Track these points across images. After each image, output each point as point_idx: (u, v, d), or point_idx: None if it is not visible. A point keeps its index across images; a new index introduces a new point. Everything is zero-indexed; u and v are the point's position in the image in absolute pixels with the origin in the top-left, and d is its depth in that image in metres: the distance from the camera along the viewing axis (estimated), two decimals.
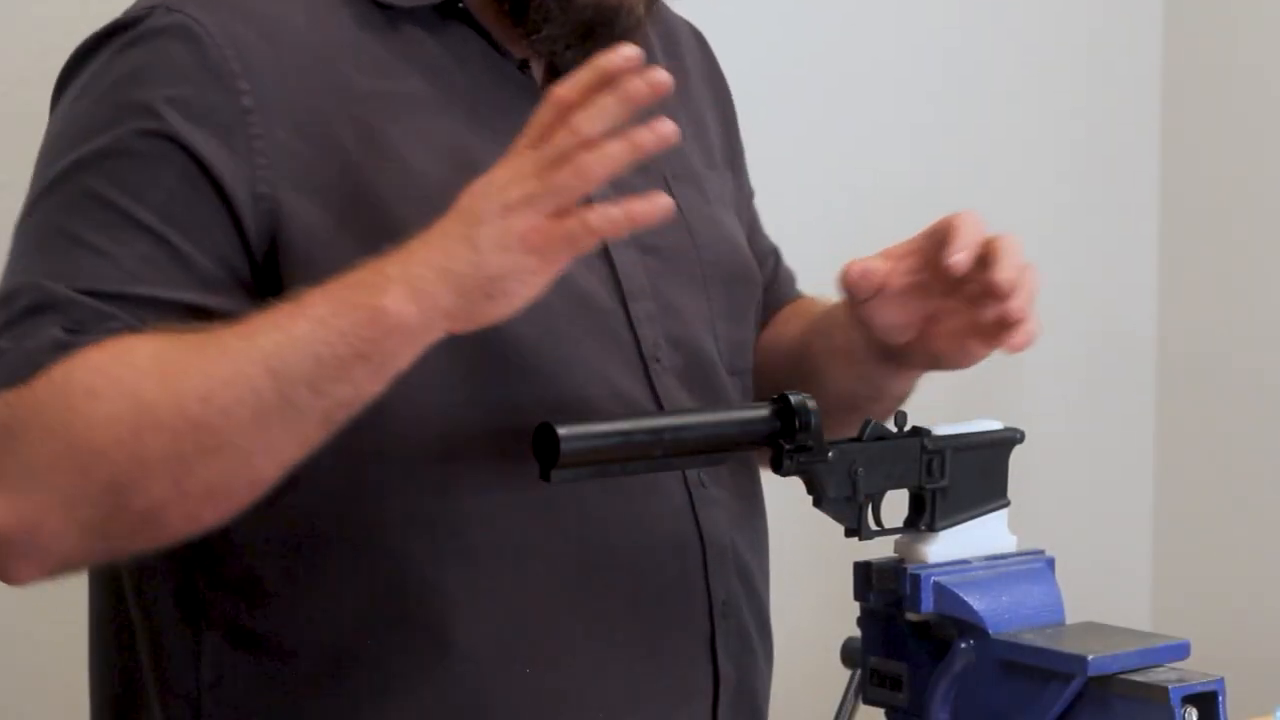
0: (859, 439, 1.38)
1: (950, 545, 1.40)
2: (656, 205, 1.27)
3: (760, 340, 1.68)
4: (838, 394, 1.57)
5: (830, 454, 1.35)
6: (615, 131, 1.27)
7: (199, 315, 1.33)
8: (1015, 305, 1.45)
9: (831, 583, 1.63)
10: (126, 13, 1.41)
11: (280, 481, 1.31)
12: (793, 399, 1.34)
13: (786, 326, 1.70)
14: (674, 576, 1.47)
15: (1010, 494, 1.44)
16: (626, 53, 1.28)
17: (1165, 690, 1.29)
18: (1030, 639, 1.35)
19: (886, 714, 1.42)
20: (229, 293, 1.35)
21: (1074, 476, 2.92)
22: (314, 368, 1.27)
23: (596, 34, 1.46)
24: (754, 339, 1.62)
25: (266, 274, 1.37)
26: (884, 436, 1.39)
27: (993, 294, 1.45)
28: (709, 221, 1.57)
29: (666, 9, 1.66)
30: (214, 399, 1.26)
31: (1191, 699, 1.29)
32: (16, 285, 1.33)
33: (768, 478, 1.48)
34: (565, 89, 1.28)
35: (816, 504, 1.37)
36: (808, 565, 1.66)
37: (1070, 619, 1.40)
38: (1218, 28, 2.95)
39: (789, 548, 1.80)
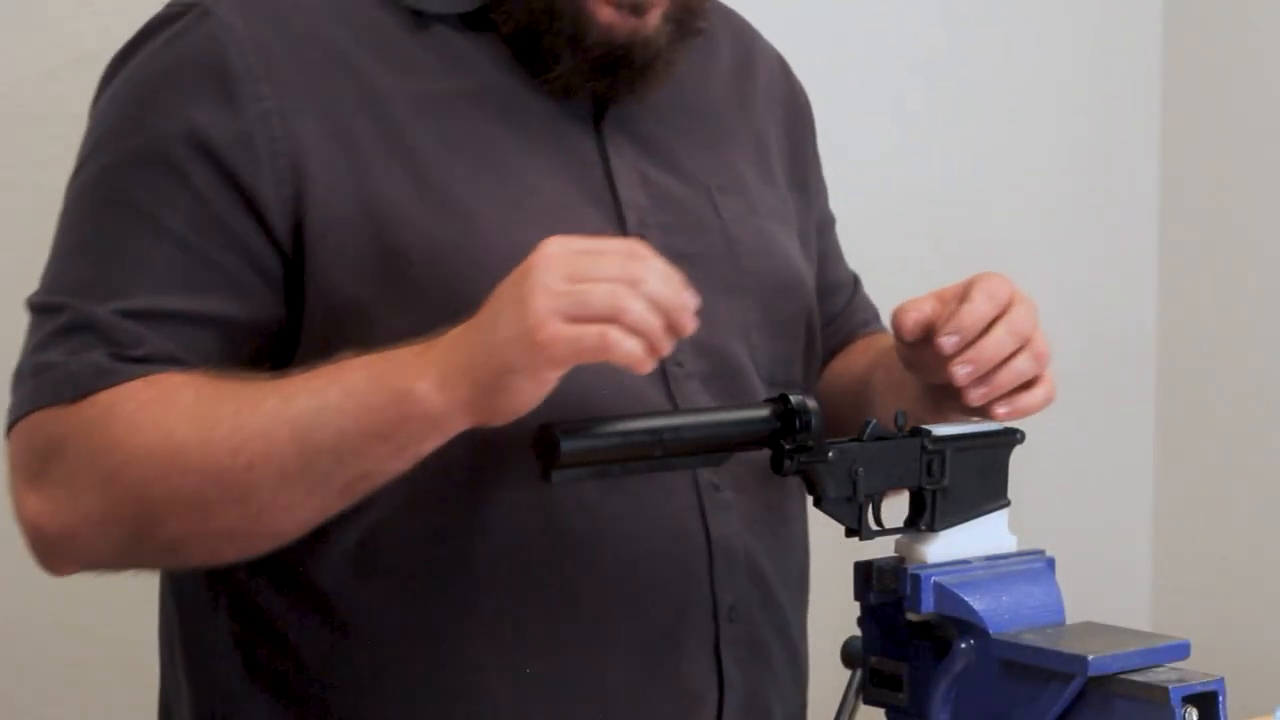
0: (859, 439, 1.37)
1: (950, 545, 1.40)
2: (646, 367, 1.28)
3: (829, 369, 1.69)
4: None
5: (830, 454, 1.35)
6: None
7: (228, 327, 1.38)
8: (975, 393, 1.44)
9: (831, 583, 1.63)
10: (163, 10, 1.44)
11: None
12: (792, 399, 1.34)
13: (856, 359, 1.70)
14: (676, 575, 1.46)
15: (1010, 494, 1.44)
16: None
17: (1165, 690, 1.29)
18: (1030, 639, 1.35)
19: (886, 714, 1.42)
20: (259, 297, 1.39)
21: (1074, 476, 2.92)
22: (337, 440, 1.31)
23: (617, 68, 1.48)
24: (804, 354, 1.61)
25: (296, 268, 1.40)
26: (884, 436, 1.39)
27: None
28: (754, 232, 1.57)
29: (759, 38, 1.69)
30: (241, 452, 1.32)
31: (1191, 699, 1.29)
32: (56, 298, 1.39)
33: None
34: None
35: (816, 504, 1.36)
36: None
37: (1070, 619, 1.40)
38: (1218, 28, 2.95)
39: None
